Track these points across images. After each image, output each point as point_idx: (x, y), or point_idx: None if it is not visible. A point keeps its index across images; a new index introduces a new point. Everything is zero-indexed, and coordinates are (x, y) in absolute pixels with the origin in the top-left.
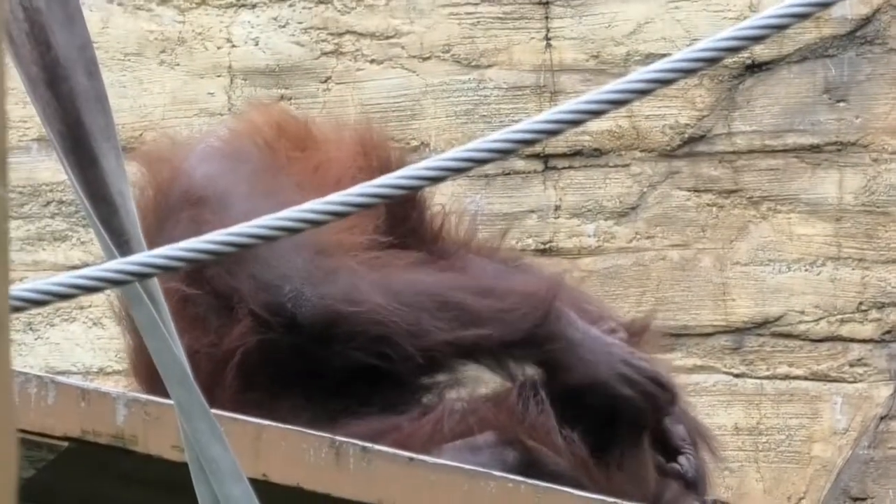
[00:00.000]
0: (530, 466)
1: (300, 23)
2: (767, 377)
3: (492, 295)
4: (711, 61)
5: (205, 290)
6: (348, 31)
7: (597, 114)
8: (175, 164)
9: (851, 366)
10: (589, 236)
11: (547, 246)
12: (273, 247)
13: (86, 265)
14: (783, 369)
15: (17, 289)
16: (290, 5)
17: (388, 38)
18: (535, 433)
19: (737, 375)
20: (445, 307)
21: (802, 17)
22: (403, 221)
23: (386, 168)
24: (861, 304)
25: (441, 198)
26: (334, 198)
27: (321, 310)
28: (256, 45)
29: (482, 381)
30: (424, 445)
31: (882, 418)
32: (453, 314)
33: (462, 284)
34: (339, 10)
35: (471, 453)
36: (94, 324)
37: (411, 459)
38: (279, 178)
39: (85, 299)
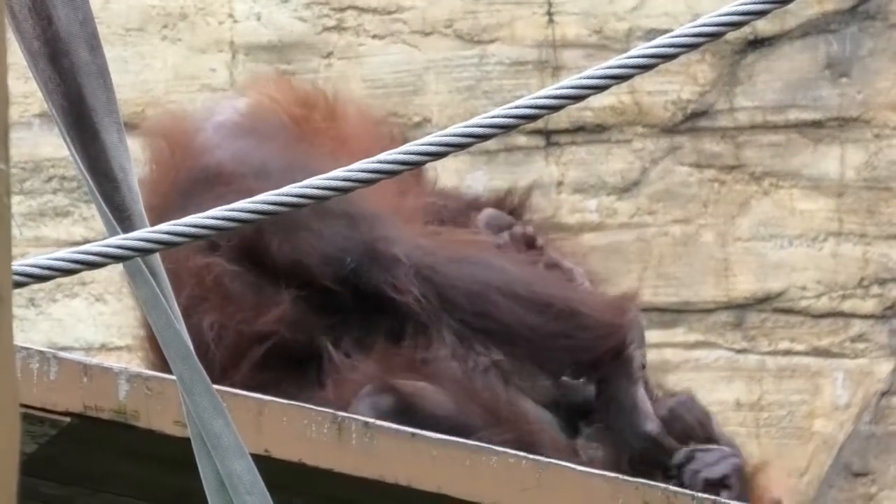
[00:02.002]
0: (405, 412)
1: None
2: (769, 353)
3: (547, 313)
4: (713, 36)
5: (246, 267)
6: (350, 7)
7: (599, 89)
8: (195, 140)
9: (853, 341)
10: (591, 212)
11: (549, 221)
12: (327, 218)
13: (88, 241)
14: (785, 345)
15: (18, 264)
16: None
17: (390, 13)
18: (433, 378)
19: (738, 351)
20: (487, 318)
21: None
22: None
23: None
24: (863, 279)
25: (443, 174)
26: (324, 179)
27: (377, 284)
28: (258, 20)
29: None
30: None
31: (883, 394)
32: (492, 327)
33: (518, 294)
34: None
35: (356, 407)
36: (97, 299)
37: (413, 435)
38: (310, 150)
39: (87, 275)
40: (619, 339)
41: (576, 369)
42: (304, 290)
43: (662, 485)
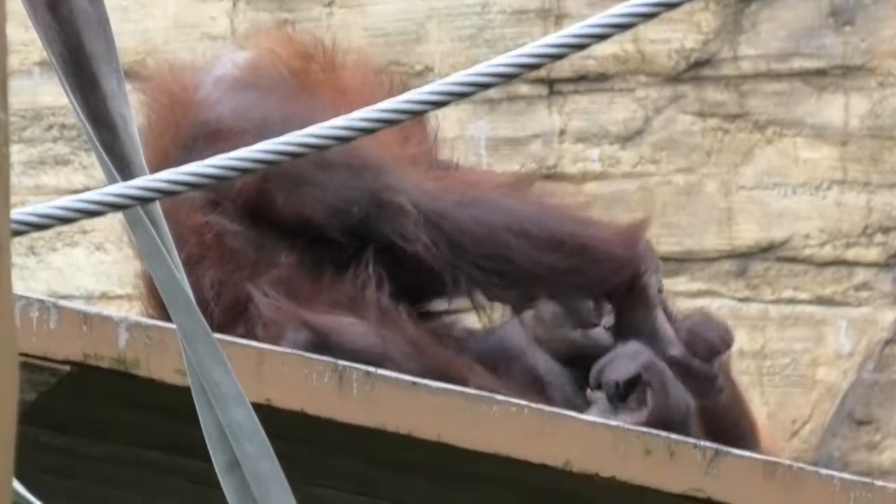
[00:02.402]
0: (321, 346)
1: None
2: (772, 301)
3: (561, 250)
4: None
5: (247, 225)
6: None
7: (602, 38)
8: (195, 95)
9: (856, 290)
10: (593, 161)
11: (551, 171)
12: (331, 170)
13: (88, 189)
14: (788, 293)
15: (18, 212)
16: None
17: None
18: (359, 313)
19: (741, 300)
20: (501, 261)
21: None
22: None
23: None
24: (866, 227)
25: (445, 123)
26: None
27: (386, 232)
28: None
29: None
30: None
31: (887, 342)
32: (507, 269)
33: (530, 233)
34: None
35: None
36: (97, 248)
37: (414, 383)
38: (311, 103)
39: (87, 224)
40: (633, 269)
41: (594, 304)
42: (309, 246)
43: (664, 433)
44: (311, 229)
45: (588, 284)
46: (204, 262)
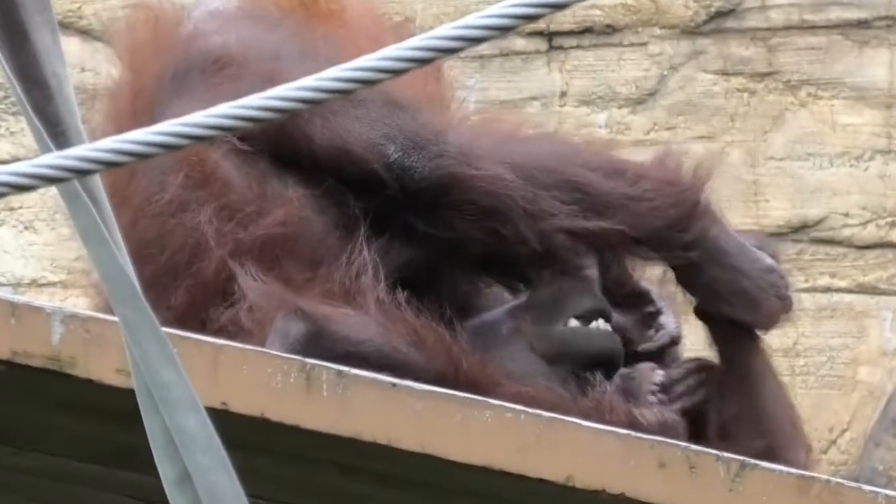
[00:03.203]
0: (320, 336)
1: None
2: (806, 290)
3: (623, 177)
4: None
5: (261, 149)
6: None
7: None
8: (184, 27)
9: None
10: (600, 127)
11: None
12: (363, 105)
13: (16, 160)
14: (824, 280)
15: None
16: None
17: None
18: (358, 302)
19: None
20: (568, 187)
21: None
22: None
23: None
24: None
25: None
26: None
27: (431, 173)
28: None
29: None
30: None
31: None
32: (576, 196)
33: (587, 161)
34: None
35: (268, 341)
36: (26, 227)
37: (394, 385)
38: (321, 38)
39: (15, 200)
40: (695, 196)
41: (668, 233)
42: (312, 204)
43: (682, 443)
44: (346, 164)
45: (661, 209)
46: (204, 189)
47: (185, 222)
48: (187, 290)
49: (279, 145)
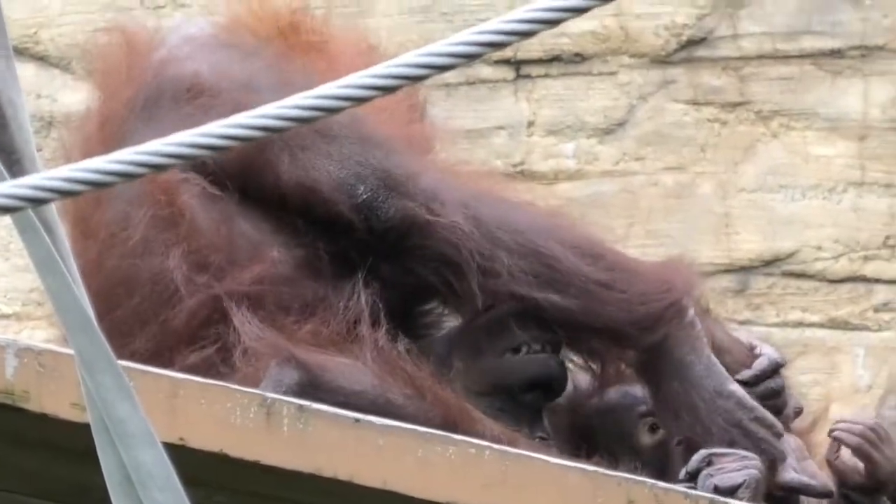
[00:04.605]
0: (313, 386)
1: None
2: (777, 324)
3: (598, 262)
4: None
5: (232, 197)
6: None
7: (578, 11)
8: (156, 53)
9: (876, 311)
10: (568, 157)
11: (518, 168)
12: (336, 141)
13: None
14: (796, 315)
15: None
16: None
17: None
18: (352, 351)
19: (741, 322)
20: (532, 255)
21: None
22: None
23: None
24: (888, 237)
25: None
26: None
27: (395, 214)
28: None
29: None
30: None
31: None
32: (538, 267)
33: (564, 237)
34: None
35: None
36: None
37: (357, 421)
38: (298, 69)
39: None
40: (674, 299)
41: (629, 330)
42: (297, 249)
43: (650, 480)
44: (313, 204)
45: (629, 304)
46: (172, 231)
47: (153, 266)
48: (153, 337)
49: (247, 181)
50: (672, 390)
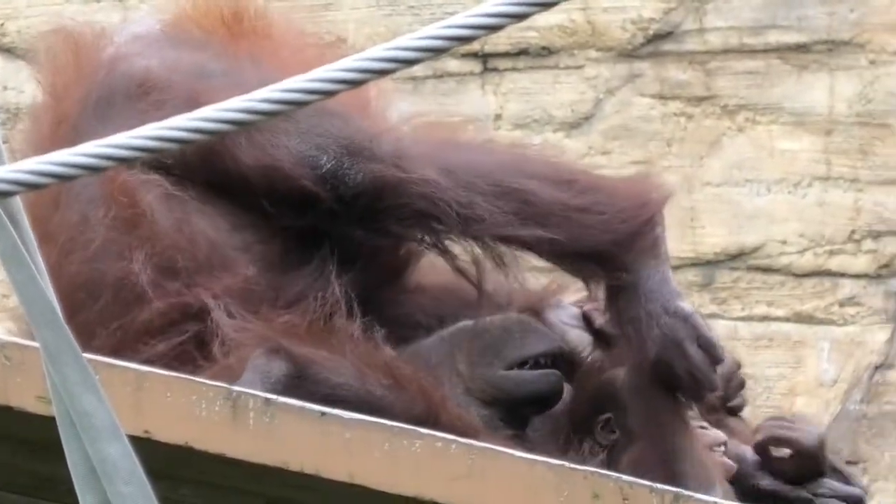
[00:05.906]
0: (301, 378)
1: None
2: (742, 318)
3: (571, 188)
4: None
5: (196, 194)
6: None
7: (545, 6)
8: (105, 52)
9: (842, 305)
10: None
11: None
12: (299, 117)
13: None
14: (761, 309)
15: None
16: None
17: None
18: (332, 342)
19: (706, 316)
20: (508, 194)
21: None
22: None
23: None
24: (853, 232)
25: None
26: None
27: (364, 178)
28: None
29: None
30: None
31: (877, 367)
32: (516, 204)
33: (534, 170)
34: None
35: (246, 378)
36: None
37: (323, 414)
38: (245, 53)
39: None
40: (651, 214)
41: (607, 251)
42: (267, 239)
43: (615, 474)
44: (276, 182)
45: (605, 224)
46: (134, 233)
47: (116, 269)
48: (113, 333)
49: (210, 172)
50: (621, 303)
